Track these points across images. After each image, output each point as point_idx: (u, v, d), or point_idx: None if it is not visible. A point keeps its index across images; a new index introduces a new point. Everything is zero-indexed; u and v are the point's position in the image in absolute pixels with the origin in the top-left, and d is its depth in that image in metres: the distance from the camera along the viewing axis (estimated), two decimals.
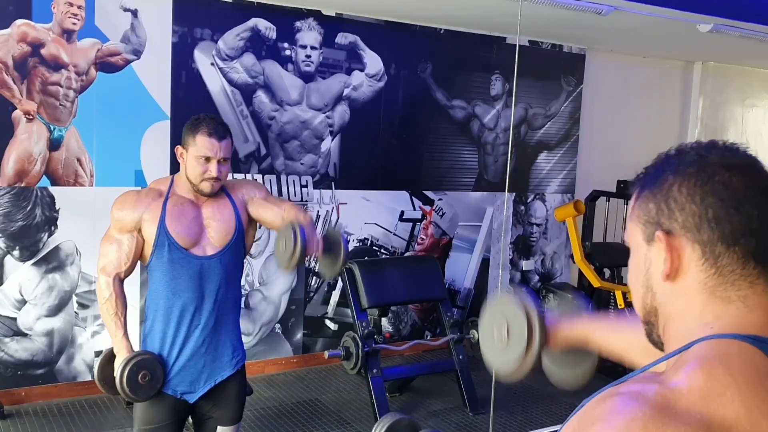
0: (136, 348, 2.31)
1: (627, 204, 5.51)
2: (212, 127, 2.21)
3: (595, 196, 5.42)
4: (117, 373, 2.18)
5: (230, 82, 4.40)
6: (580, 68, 5.72)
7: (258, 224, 2.46)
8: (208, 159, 2.20)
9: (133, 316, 2.39)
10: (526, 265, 5.74)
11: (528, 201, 5.68)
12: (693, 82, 6.38)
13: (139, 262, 2.33)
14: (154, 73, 4.16)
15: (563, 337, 1.40)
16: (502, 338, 1.37)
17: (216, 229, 2.29)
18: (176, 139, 3.39)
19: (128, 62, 4.08)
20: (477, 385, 4.29)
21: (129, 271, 2.28)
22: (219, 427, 2.37)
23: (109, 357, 2.27)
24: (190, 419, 2.43)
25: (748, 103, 6.67)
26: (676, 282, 0.80)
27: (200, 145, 2.20)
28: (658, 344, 0.84)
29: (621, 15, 4.28)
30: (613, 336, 1.35)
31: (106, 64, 4.03)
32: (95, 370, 2.35)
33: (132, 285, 2.41)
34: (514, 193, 5.58)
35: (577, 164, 5.84)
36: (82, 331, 4.12)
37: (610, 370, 1.52)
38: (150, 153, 4.17)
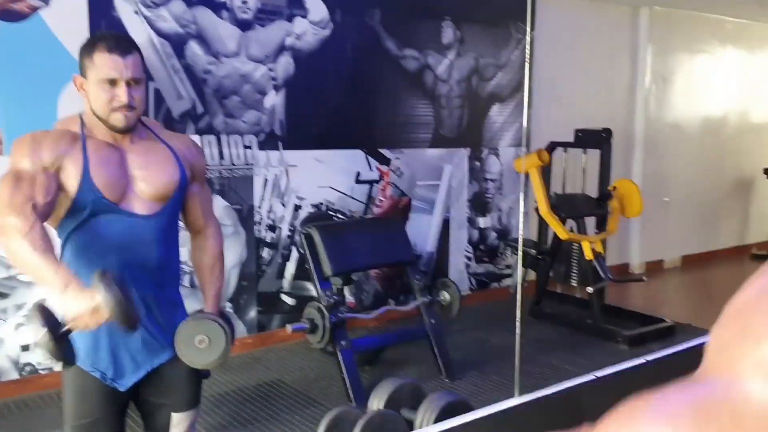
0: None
1: (585, 153, 5.37)
2: (113, 42, 1.76)
3: (552, 147, 5.19)
4: (108, 296, 1.52)
5: (158, 32, 3.88)
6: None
7: None
8: (113, 81, 1.74)
9: None
10: (483, 222, 5.48)
11: (483, 156, 5.39)
12: (640, 28, 6.22)
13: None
14: (68, 22, 3.60)
15: None
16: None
17: (146, 180, 1.82)
18: None
19: (35, 9, 3.51)
20: (451, 350, 4.01)
21: (46, 211, 1.70)
22: (174, 414, 1.96)
23: (46, 312, 1.59)
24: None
25: (695, 48, 6.57)
26: None
27: (101, 65, 1.74)
28: None
29: None
30: None
31: (6, 12, 3.45)
32: (40, 341, 1.58)
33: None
34: (469, 149, 5.28)
35: (532, 116, 5.58)
36: (2, 323, 3.56)
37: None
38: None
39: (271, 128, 4.31)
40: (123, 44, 1.76)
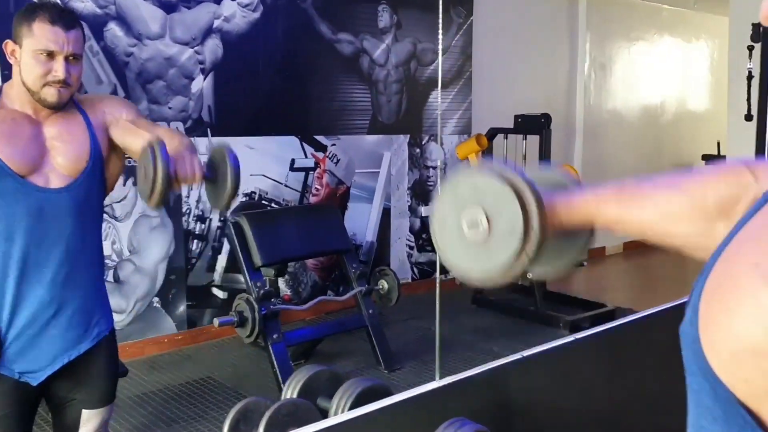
0: None
1: (525, 140, 5.33)
2: (56, 13, 1.69)
3: (492, 133, 5.13)
4: None
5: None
6: None
7: (124, 155, 1.88)
8: (51, 54, 1.66)
9: None
10: (425, 211, 5.38)
11: (423, 143, 5.30)
12: (579, 15, 6.22)
13: None
14: None
15: (564, 216, 0.94)
16: (479, 230, 0.90)
17: (64, 152, 1.74)
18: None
19: None
20: (391, 340, 3.90)
21: None
22: (84, 411, 1.84)
23: None
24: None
25: (633, 36, 6.62)
26: None
27: (39, 36, 1.66)
28: None
29: None
30: (640, 204, 0.91)
31: None
32: None
33: None
34: (408, 136, 5.18)
35: (473, 102, 5.52)
36: None
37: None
38: None
39: (198, 114, 4.12)
40: (67, 17, 1.71)
